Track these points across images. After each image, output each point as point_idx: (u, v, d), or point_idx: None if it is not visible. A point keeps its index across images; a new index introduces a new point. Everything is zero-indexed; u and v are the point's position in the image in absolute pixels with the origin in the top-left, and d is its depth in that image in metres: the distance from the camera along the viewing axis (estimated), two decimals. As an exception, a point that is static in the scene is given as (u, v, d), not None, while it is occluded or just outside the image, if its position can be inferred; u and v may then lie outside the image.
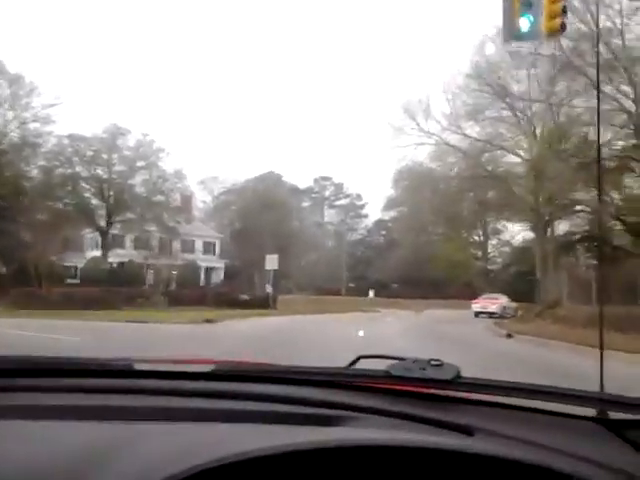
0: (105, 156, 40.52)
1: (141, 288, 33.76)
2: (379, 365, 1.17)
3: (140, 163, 40.75)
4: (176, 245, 53.16)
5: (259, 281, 36.05)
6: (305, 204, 77.07)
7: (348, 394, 1.11)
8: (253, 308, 27.13)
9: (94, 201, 41.12)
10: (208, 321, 19.95)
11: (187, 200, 55.37)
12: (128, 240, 44.38)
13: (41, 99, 35.31)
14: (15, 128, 35.42)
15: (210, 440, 0.88)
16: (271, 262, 32.21)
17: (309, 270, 61.18)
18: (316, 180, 78.74)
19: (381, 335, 17.13)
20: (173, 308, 26.22)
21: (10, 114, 35.33)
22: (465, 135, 32.35)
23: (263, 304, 29.38)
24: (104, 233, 40.96)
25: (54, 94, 39.70)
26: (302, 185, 75.43)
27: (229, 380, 1.20)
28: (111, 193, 40.94)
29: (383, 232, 60.19)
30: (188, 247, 53.35)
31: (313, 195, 78.30)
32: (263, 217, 55.72)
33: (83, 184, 40.57)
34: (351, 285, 54.93)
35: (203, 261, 52.13)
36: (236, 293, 30.82)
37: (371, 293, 44.83)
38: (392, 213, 59.72)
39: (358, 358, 1.29)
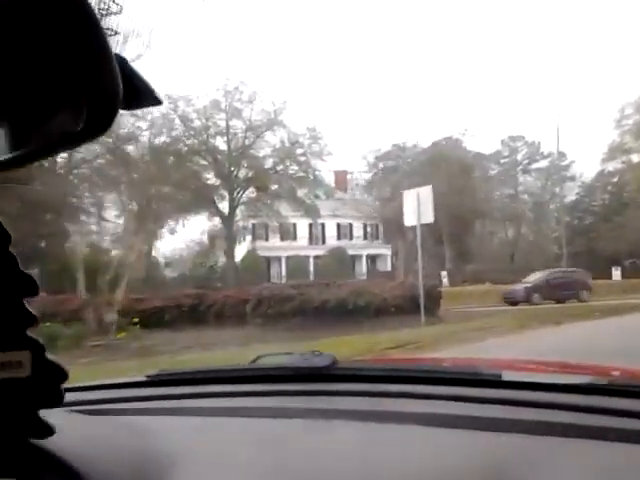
0: (222, 122, 31.67)
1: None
2: None
3: (260, 121, 31.15)
4: (331, 230, 43.59)
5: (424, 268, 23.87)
6: (492, 172, 63.64)
7: None
8: (375, 322, 13.60)
9: (212, 180, 32.45)
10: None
11: (342, 177, 45.42)
12: (262, 228, 35.57)
13: (126, 46, 27.14)
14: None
15: None
16: (416, 207, 14.75)
17: (504, 252, 47.53)
18: (504, 142, 64.73)
19: None
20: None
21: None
22: None
23: (407, 311, 14.67)
24: (227, 220, 32.08)
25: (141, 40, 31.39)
26: (487, 150, 62.17)
27: (611, 395, 1.04)
28: (232, 168, 32.01)
29: (609, 188, 44.01)
30: (345, 232, 43.31)
31: (502, 160, 64.31)
32: (439, 189, 43.61)
33: (199, 159, 32.06)
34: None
35: (363, 248, 41.64)
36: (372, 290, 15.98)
37: (617, 273, 30.46)
38: (616, 164, 43.63)
39: None
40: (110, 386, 1.38)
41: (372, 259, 42.21)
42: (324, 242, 42.00)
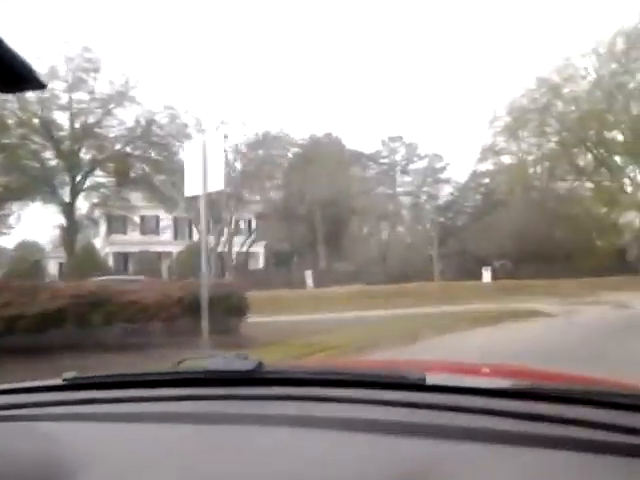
0: (62, 94, 27.21)
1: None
2: None
3: (109, 95, 27.10)
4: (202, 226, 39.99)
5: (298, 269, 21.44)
6: (372, 171, 63.16)
7: None
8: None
9: (52, 162, 27.87)
10: None
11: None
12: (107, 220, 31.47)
13: None
14: None
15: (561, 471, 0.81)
16: (201, 167, 8.66)
17: (380, 252, 46.46)
18: (384, 142, 64.50)
19: None
20: None
21: None
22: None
23: (190, 327, 9.12)
24: (67, 208, 27.65)
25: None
26: (367, 150, 61.48)
27: (535, 399, 1.03)
28: (75, 147, 27.68)
29: (481, 189, 44.14)
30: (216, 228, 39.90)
31: (381, 160, 64.02)
32: (313, 186, 41.48)
33: (36, 137, 27.34)
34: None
35: (235, 245, 38.63)
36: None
37: (487, 275, 29.62)
38: (488, 166, 43.86)
39: None
40: (23, 390, 1.27)
41: (244, 257, 39.28)
42: (191, 237, 38.48)
